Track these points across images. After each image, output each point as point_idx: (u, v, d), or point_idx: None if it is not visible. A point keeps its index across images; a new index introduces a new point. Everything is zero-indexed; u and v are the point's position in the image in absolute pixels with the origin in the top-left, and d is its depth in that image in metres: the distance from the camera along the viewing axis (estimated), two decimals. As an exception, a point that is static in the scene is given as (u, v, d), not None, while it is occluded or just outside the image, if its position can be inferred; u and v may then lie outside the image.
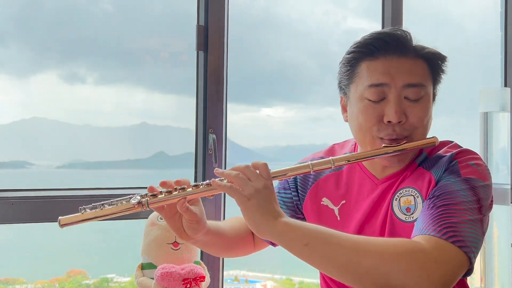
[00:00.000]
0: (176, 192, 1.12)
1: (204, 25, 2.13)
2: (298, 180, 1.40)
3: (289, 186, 1.42)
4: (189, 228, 1.17)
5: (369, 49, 1.21)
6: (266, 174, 1.12)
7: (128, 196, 1.13)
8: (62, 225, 1.12)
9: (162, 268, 1.77)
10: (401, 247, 1.02)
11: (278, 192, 1.43)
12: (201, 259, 1.99)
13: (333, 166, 1.18)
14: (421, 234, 1.06)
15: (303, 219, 1.41)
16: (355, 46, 1.25)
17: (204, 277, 1.81)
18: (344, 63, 1.27)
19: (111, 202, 1.13)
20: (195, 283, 1.77)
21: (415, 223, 1.15)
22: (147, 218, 1.93)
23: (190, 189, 1.13)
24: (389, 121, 1.19)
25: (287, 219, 1.08)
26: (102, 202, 1.13)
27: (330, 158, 1.19)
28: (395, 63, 1.19)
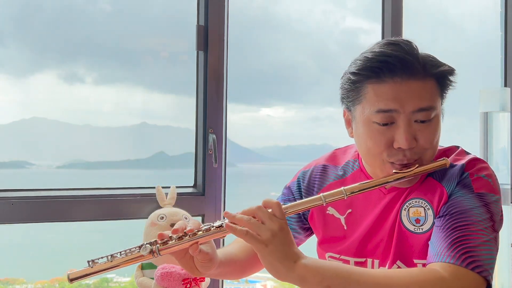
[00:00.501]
0: (187, 237, 1.10)
1: (204, 25, 2.13)
2: (302, 190, 1.38)
3: (293, 197, 1.40)
4: (202, 267, 1.15)
5: (375, 72, 1.16)
6: (280, 214, 1.09)
7: (138, 246, 1.11)
8: (71, 280, 1.09)
9: (162, 268, 1.77)
10: (423, 281, 1.03)
11: (283, 204, 1.42)
12: (201, 259, 2.00)
13: (345, 197, 1.16)
14: (439, 261, 1.07)
15: (310, 228, 1.40)
16: (358, 67, 1.19)
17: (204, 277, 1.81)
18: (347, 82, 1.22)
19: (121, 252, 1.11)
20: (195, 283, 1.77)
21: (429, 242, 1.15)
22: (147, 218, 1.93)
23: (201, 232, 1.10)
24: (399, 147, 1.16)
25: (306, 260, 1.07)
26: (111, 254, 1.11)
27: (342, 188, 1.16)
28: (404, 87, 1.14)
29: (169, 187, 2.02)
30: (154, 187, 2.00)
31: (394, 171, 1.17)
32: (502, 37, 2.80)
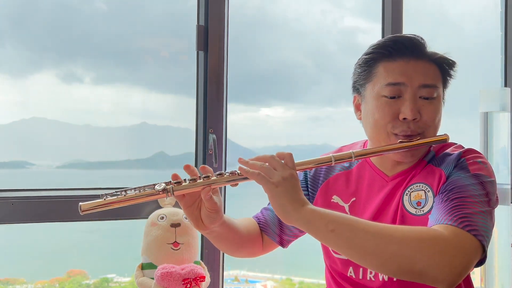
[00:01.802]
0: (201, 180, 1.13)
1: (204, 25, 2.13)
2: (308, 178, 1.44)
3: None
4: (207, 218, 1.18)
5: (387, 51, 1.28)
6: (292, 164, 1.15)
7: (152, 184, 1.13)
8: (83, 211, 1.10)
9: (162, 268, 1.77)
10: (423, 233, 1.08)
11: None
12: (201, 259, 2.00)
13: (353, 159, 1.25)
14: (438, 224, 1.12)
15: None
16: (373, 47, 1.32)
17: (204, 277, 1.81)
18: (360, 64, 1.34)
19: (134, 188, 1.13)
20: (195, 283, 1.77)
21: (428, 216, 1.20)
22: (147, 218, 1.93)
23: (215, 177, 1.14)
24: (404, 118, 1.25)
25: (313, 206, 1.12)
26: (125, 188, 1.13)
27: (351, 151, 1.25)
28: (412, 65, 1.27)
29: (169, 187, 2.02)
30: (154, 187, 1.99)
31: (399, 141, 1.26)
32: (502, 37, 2.80)
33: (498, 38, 2.81)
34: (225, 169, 2.16)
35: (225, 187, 2.16)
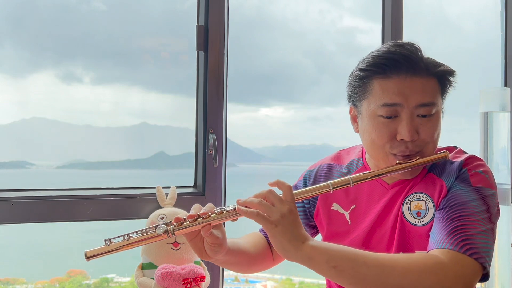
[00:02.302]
0: (201, 219, 1.15)
1: (204, 25, 2.13)
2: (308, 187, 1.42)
3: None
4: (211, 250, 1.19)
5: (381, 68, 1.24)
6: (290, 197, 1.14)
7: (154, 226, 1.16)
8: (88, 258, 1.13)
9: (162, 268, 1.77)
10: (424, 263, 1.08)
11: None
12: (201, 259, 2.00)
13: (351, 184, 1.23)
14: (439, 248, 1.12)
15: (316, 226, 1.45)
16: (367, 64, 1.27)
17: (204, 277, 1.81)
18: (355, 79, 1.30)
19: (137, 231, 1.16)
20: (195, 283, 1.77)
21: (429, 233, 1.20)
22: (147, 218, 1.93)
23: (214, 215, 1.15)
24: (402, 139, 1.23)
25: (313, 242, 1.11)
26: (127, 233, 1.16)
27: (349, 177, 1.23)
28: (408, 83, 1.22)
29: (169, 187, 2.02)
30: (154, 187, 2.00)
31: (397, 161, 1.24)
32: (502, 37, 2.80)
33: (498, 38, 2.81)
34: (225, 170, 2.16)
35: (225, 185, 2.16)
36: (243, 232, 1.47)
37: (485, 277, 1.14)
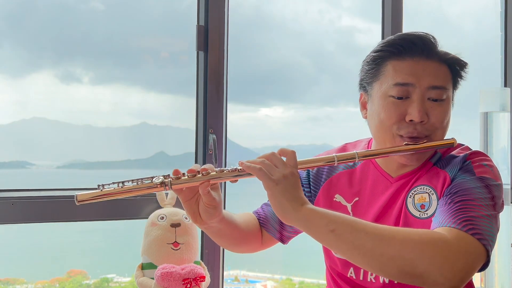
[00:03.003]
0: (200, 175, 1.12)
1: (204, 25, 2.13)
2: (311, 177, 1.42)
3: (302, 183, 1.42)
4: (205, 213, 1.16)
5: (396, 49, 1.24)
6: (293, 162, 1.14)
7: (151, 176, 1.11)
8: (79, 202, 1.08)
9: (162, 268, 1.77)
10: (425, 236, 1.05)
11: None
12: (201, 259, 2.00)
13: (357, 159, 1.22)
14: (441, 226, 1.09)
15: None
16: (382, 45, 1.28)
17: (204, 277, 1.81)
18: (368, 61, 1.30)
19: (132, 180, 1.11)
20: (195, 283, 1.77)
21: (432, 218, 1.18)
22: (147, 218, 1.93)
23: (214, 173, 1.13)
24: (411, 120, 1.22)
25: (313, 206, 1.10)
26: (122, 180, 1.11)
27: (355, 151, 1.22)
28: (421, 65, 1.23)
29: (169, 187, 2.02)
30: (154, 187, 1.99)
31: (404, 143, 1.23)
32: (502, 37, 2.80)
33: (498, 38, 2.81)
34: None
35: (225, 184, 2.16)
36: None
37: (485, 265, 1.11)
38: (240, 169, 1.13)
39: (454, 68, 1.27)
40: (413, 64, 1.23)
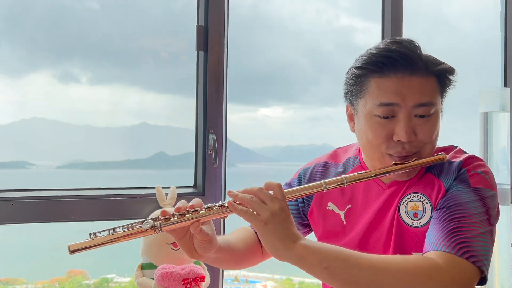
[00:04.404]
0: (189, 215, 1.11)
1: (204, 25, 2.13)
2: None
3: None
4: (201, 248, 1.16)
5: (378, 67, 1.20)
6: (281, 195, 1.11)
7: (140, 220, 1.12)
8: (72, 252, 1.09)
9: (162, 268, 1.77)
10: (418, 268, 1.04)
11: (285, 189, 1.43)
12: (201, 259, 1.99)
13: (345, 184, 1.19)
14: (435, 250, 1.08)
15: (309, 225, 1.42)
16: (363, 62, 1.23)
17: (204, 277, 1.81)
18: (351, 78, 1.26)
19: (123, 226, 1.12)
20: (195, 283, 1.77)
21: (425, 228, 1.17)
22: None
23: (203, 211, 1.12)
24: (398, 140, 1.19)
25: (305, 241, 1.08)
26: (113, 227, 1.12)
27: (343, 176, 1.19)
28: (406, 82, 1.18)
29: (169, 187, 2.02)
30: (154, 187, 2.00)
31: (393, 162, 1.20)
32: (502, 37, 2.80)
33: (498, 38, 2.81)
34: (225, 170, 2.16)
35: (224, 188, 2.16)
36: (238, 226, 1.45)
37: (483, 281, 1.11)
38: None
39: (442, 78, 1.22)
40: (397, 82, 1.18)
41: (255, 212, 1.08)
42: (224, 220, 2.11)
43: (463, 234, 1.09)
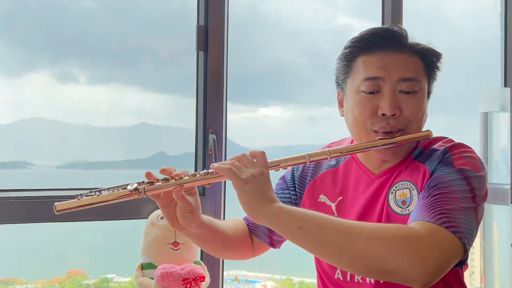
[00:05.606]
0: (173, 180, 1.13)
1: (204, 25, 2.13)
2: (296, 179, 1.42)
3: (287, 186, 1.43)
4: (183, 218, 1.17)
5: (365, 44, 1.24)
6: (263, 162, 1.14)
7: (126, 184, 1.13)
8: (58, 211, 1.11)
9: (162, 268, 1.77)
10: (395, 231, 1.03)
11: (277, 193, 1.43)
12: (201, 259, 1.99)
13: (329, 157, 1.21)
14: (416, 221, 1.07)
15: None
16: (352, 41, 1.28)
17: (204, 277, 1.80)
18: (341, 59, 1.30)
19: (108, 188, 1.13)
20: (195, 283, 1.77)
21: (411, 213, 1.16)
22: (147, 218, 1.93)
23: (187, 177, 1.14)
24: (383, 114, 1.21)
25: (282, 204, 1.10)
26: (99, 189, 1.13)
27: (326, 149, 1.22)
28: (391, 58, 1.22)
29: (169, 187, 2.02)
30: (154, 187, 1.99)
31: (378, 138, 1.22)
32: (502, 37, 2.80)
33: (497, 38, 2.81)
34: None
35: (225, 188, 2.16)
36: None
37: (463, 261, 1.09)
38: (213, 172, 1.14)
39: (427, 58, 1.25)
40: (382, 58, 1.22)
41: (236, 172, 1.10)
42: (224, 212, 2.12)
43: (444, 206, 1.07)
